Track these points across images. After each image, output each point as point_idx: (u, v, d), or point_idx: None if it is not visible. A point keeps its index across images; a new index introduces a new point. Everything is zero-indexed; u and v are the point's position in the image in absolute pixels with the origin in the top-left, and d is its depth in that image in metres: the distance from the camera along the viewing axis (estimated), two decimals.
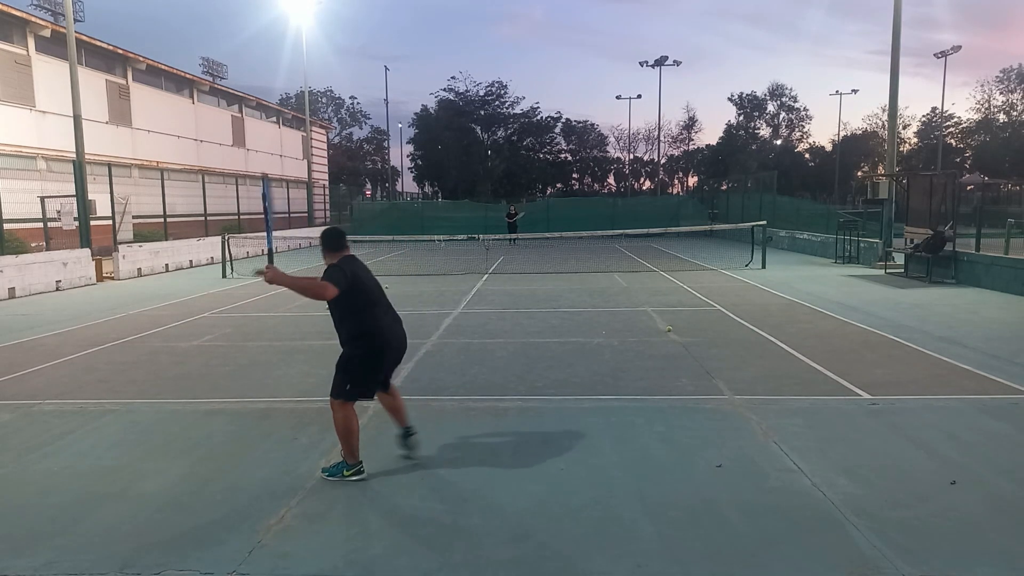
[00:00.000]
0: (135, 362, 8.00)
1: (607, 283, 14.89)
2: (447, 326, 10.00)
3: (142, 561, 3.47)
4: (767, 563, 3.38)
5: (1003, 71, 62.75)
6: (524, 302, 12.30)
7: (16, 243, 15.61)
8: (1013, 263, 12.68)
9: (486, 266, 19.20)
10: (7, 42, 21.80)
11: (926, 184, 16.01)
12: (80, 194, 16.84)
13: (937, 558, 3.39)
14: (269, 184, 5.05)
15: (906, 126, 66.84)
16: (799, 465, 4.56)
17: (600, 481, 4.39)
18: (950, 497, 4.08)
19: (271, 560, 3.47)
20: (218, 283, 16.26)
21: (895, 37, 18.96)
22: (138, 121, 28.05)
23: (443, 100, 56.71)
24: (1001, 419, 5.48)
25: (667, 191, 69.62)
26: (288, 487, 4.36)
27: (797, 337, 8.74)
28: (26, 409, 6.17)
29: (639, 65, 54.38)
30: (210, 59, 38.09)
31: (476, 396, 6.33)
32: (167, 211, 20.87)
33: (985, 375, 6.79)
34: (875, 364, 7.30)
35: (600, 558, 3.45)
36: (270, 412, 5.97)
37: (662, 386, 6.58)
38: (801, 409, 5.79)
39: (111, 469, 4.73)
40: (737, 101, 69.15)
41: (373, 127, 76.35)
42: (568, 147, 66.56)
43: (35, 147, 22.35)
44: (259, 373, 7.39)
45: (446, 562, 3.44)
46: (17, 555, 3.56)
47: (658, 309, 11.22)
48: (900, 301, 11.85)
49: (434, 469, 4.65)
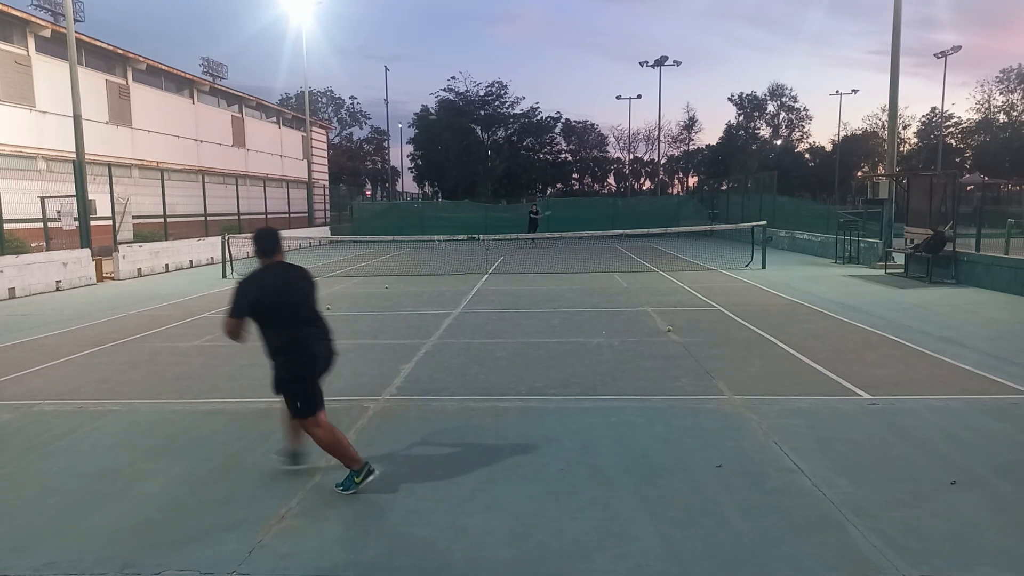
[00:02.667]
0: (135, 362, 8.00)
1: (607, 283, 14.89)
2: (447, 326, 10.00)
3: (142, 561, 3.47)
4: (767, 563, 3.38)
5: (1003, 71, 62.80)
6: (524, 302, 12.30)
7: (16, 243, 15.61)
8: (1013, 263, 12.68)
9: (486, 266, 19.21)
10: (7, 42, 21.80)
11: (926, 184, 16.01)
12: (80, 194, 16.84)
13: (937, 558, 3.39)
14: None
15: (906, 126, 66.89)
16: (799, 465, 4.57)
17: (600, 481, 4.39)
18: (950, 497, 4.08)
19: (271, 560, 3.47)
20: (218, 283, 16.26)
21: (895, 37, 18.96)
22: (138, 121, 28.05)
23: (443, 100, 56.74)
24: (1001, 419, 5.48)
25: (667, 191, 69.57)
26: (288, 487, 4.36)
27: (797, 337, 8.74)
28: (26, 409, 6.18)
29: (639, 65, 54.47)
30: (210, 59, 38.18)
31: (476, 396, 6.33)
32: (167, 211, 20.87)
33: (985, 375, 6.79)
34: (875, 364, 7.30)
35: (600, 558, 3.45)
36: (270, 412, 5.96)
37: (662, 386, 6.58)
38: (801, 409, 5.79)
39: (111, 469, 4.73)
40: (737, 101, 69.15)
41: (373, 127, 76.41)
42: (568, 147, 66.51)
43: (35, 147, 22.34)
44: (259, 373, 7.35)
45: (446, 562, 3.44)
46: (17, 555, 3.56)
47: (658, 309, 11.22)
48: (900, 301, 11.85)
49: (434, 469, 4.65)
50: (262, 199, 29.68)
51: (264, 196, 29.76)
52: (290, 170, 42.32)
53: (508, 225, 32.38)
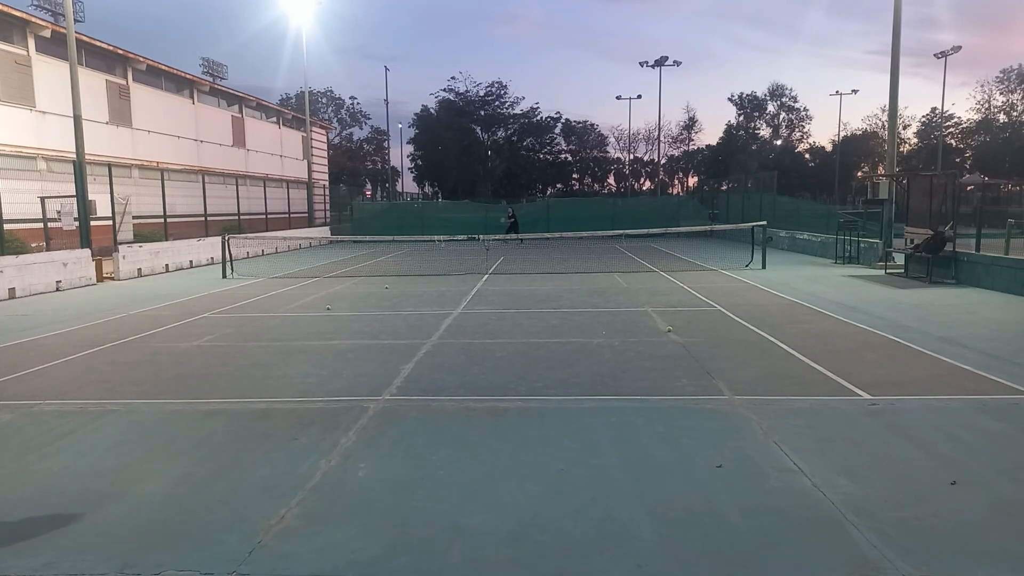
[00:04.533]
0: (135, 362, 8.00)
1: (607, 283, 14.89)
2: (447, 326, 10.00)
3: (142, 561, 3.47)
4: (767, 563, 3.38)
5: (1003, 71, 62.81)
6: (524, 302, 12.30)
7: (16, 243, 15.61)
8: (1013, 263, 12.68)
9: (486, 266, 19.21)
10: (7, 42, 21.80)
11: (926, 184, 16.01)
12: (80, 194, 16.84)
13: (937, 558, 3.39)
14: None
15: (906, 126, 66.91)
16: (799, 465, 4.57)
17: (600, 481, 4.39)
18: (950, 497, 4.08)
19: (271, 560, 3.47)
20: (218, 283, 16.26)
21: (895, 37, 18.96)
22: (138, 121, 28.04)
23: (443, 100, 56.79)
24: (1001, 419, 5.48)
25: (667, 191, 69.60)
26: (288, 487, 4.36)
27: (797, 337, 8.74)
28: (26, 409, 6.18)
29: (639, 65, 54.40)
30: (210, 59, 38.13)
31: (476, 396, 6.33)
32: (167, 211, 20.88)
33: (985, 375, 6.79)
34: (875, 364, 7.30)
35: (600, 558, 3.45)
36: (270, 412, 5.97)
37: (662, 386, 6.58)
38: (801, 409, 5.79)
39: (111, 469, 4.73)
40: (737, 101, 69.19)
41: (373, 127, 76.39)
42: (568, 147, 66.53)
43: (35, 147, 22.34)
44: (259, 373, 7.39)
45: (446, 562, 3.44)
46: (17, 555, 3.56)
47: (658, 309, 11.22)
48: (900, 301, 11.85)
49: (434, 469, 4.65)
50: (262, 199, 29.69)
51: (264, 196, 29.77)
52: (290, 170, 42.33)
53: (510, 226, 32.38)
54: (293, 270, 19.51)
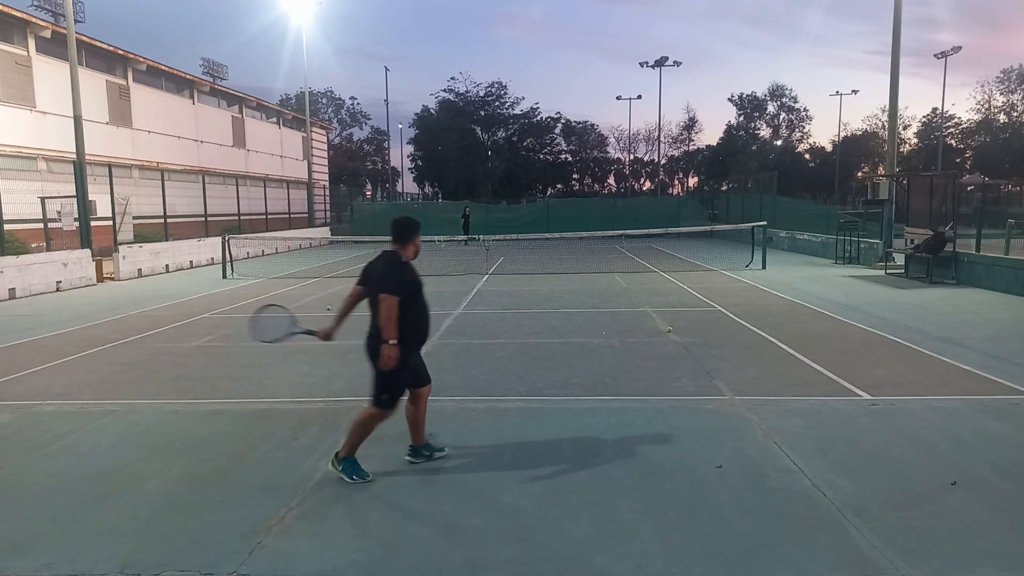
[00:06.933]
0: (135, 363, 8.00)
1: (607, 283, 14.89)
2: (447, 326, 10.00)
3: (142, 561, 3.47)
4: (767, 563, 3.38)
5: (1003, 71, 62.74)
6: (524, 302, 12.30)
7: (16, 244, 15.62)
8: (1013, 264, 12.68)
9: (486, 266, 19.21)
10: (7, 43, 21.81)
11: (926, 185, 16.01)
12: (80, 195, 16.85)
13: (937, 558, 3.39)
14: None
15: (906, 126, 66.84)
16: (799, 465, 4.56)
17: (600, 481, 4.39)
18: (950, 497, 4.08)
19: (271, 560, 3.47)
20: (218, 284, 16.26)
21: (895, 37, 18.96)
22: (138, 122, 28.05)
23: (443, 101, 56.74)
24: (1001, 419, 5.48)
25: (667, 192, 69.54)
26: (288, 487, 4.36)
27: (797, 337, 8.74)
28: (27, 410, 6.18)
29: (639, 66, 54.41)
30: (210, 60, 38.13)
31: (476, 397, 6.33)
32: (167, 212, 20.89)
33: (985, 375, 6.79)
34: (875, 364, 7.30)
35: (600, 558, 3.45)
36: (270, 413, 5.97)
37: (662, 386, 6.58)
38: (801, 409, 5.79)
39: (111, 469, 4.73)
40: (737, 102, 69.11)
41: (373, 127, 76.25)
42: (568, 148, 66.47)
43: (35, 148, 22.34)
44: (259, 374, 7.39)
45: (446, 562, 3.44)
46: (17, 555, 3.56)
47: (658, 310, 11.22)
48: (900, 302, 11.85)
49: (434, 469, 4.65)
50: (262, 199, 29.70)
51: (264, 196, 29.78)
52: (290, 170, 42.33)
53: (509, 225, 32.42)
54: (293, 270, 19.51)
